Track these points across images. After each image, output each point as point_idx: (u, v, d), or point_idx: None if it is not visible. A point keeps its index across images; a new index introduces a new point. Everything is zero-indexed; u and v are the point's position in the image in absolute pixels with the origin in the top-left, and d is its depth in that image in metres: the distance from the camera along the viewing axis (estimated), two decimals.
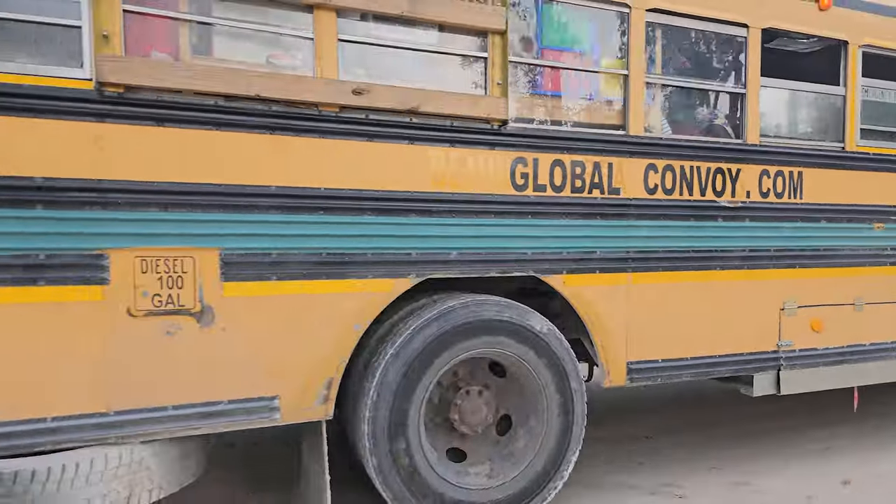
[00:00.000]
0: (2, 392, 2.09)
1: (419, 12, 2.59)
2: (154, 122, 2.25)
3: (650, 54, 3.15)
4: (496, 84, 2.76)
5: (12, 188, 2.07)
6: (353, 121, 2.53)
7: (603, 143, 3.02)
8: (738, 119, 3.41)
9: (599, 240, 3.02)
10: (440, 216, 2.69)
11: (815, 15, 3.54)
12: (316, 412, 2.55)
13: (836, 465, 3.76)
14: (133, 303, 2.24)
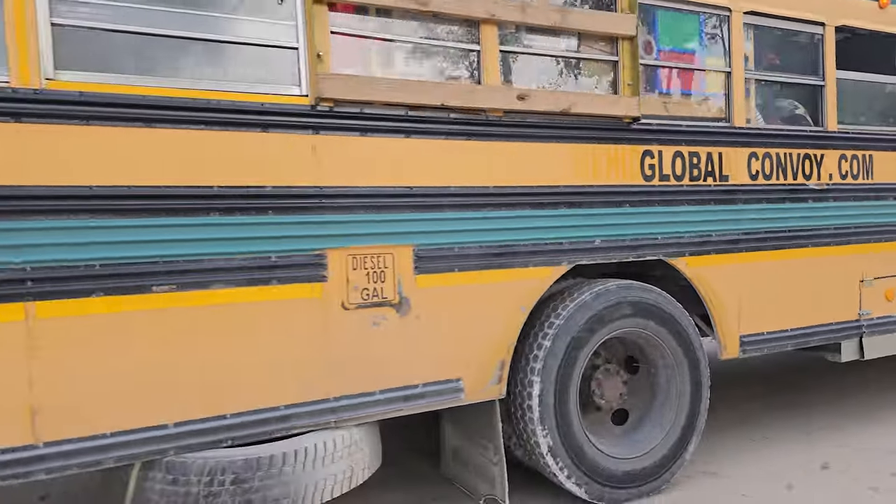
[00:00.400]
0: (243, 384, 2.29)
1: (567, 23, 2.85)
2: (358, 132, 2.47)
3: (746, 52, 3.46)
4: (627, 85, 3.03)
5: (249, 196, 2.28)
6: (514, 124, 2.78)
7: (713, 135, 3.32)
8: (819, 108, 3.74)
9: (715, 223, 3.31)
10: (586, 207, 2.96)
11: (877, 13, 3.89)
12: (491, 392, 2.78)
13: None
14: (346, 297, 2.45)
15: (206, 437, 2.23)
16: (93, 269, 2.07)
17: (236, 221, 2.27)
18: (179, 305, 2.19)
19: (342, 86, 2.40)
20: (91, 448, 2.07)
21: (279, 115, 2.34)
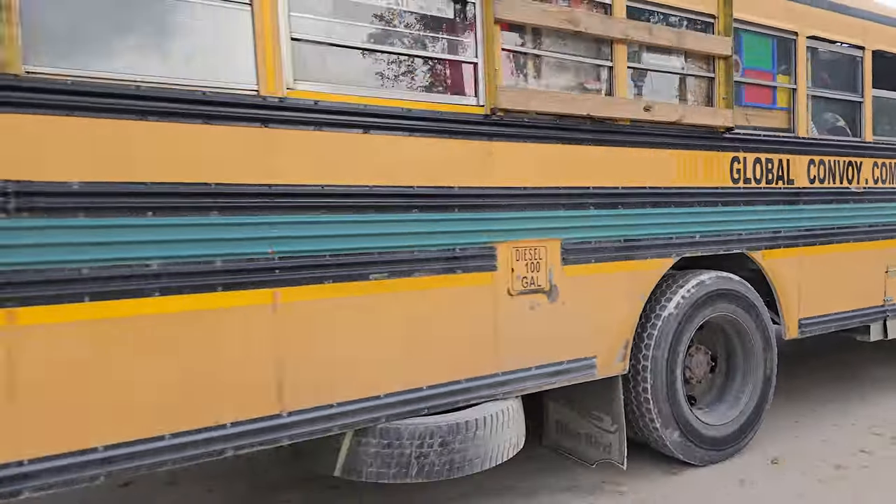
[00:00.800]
0: (435, 361, 2.60)
1: (680, 43, 3.24)
2: (522, 139, 2.79)
3: (807, 72, 3.94)
4: (722, 98, 3.45)
5: (441, 196, 2.58)
6: (638, 132, 3.16)
7: (783, 144, 3.78)
8: (858, 121, 4.26)
9: (783, 221, 3.78)
10: (689, 206, 3.36)
11: None
12: (616, 368, 3.16)
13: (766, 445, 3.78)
14: (511, 284, 2.78)
15: (409, 406, 2.52)
16: (323, 258, 2.34)
17: (432, 218, 2.56)
18: (390, 291, 2.47)
19: (513, 97, 2.72)
20: (323, 417, 2.34)
21: (461, 123, 2.64)
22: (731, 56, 3.42)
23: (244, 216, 2.20)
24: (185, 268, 2.10)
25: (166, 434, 2.07)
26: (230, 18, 2.22)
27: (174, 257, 2.08)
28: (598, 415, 3.32)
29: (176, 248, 2.08)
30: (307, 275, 2.31)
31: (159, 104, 2.05)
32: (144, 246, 2.04)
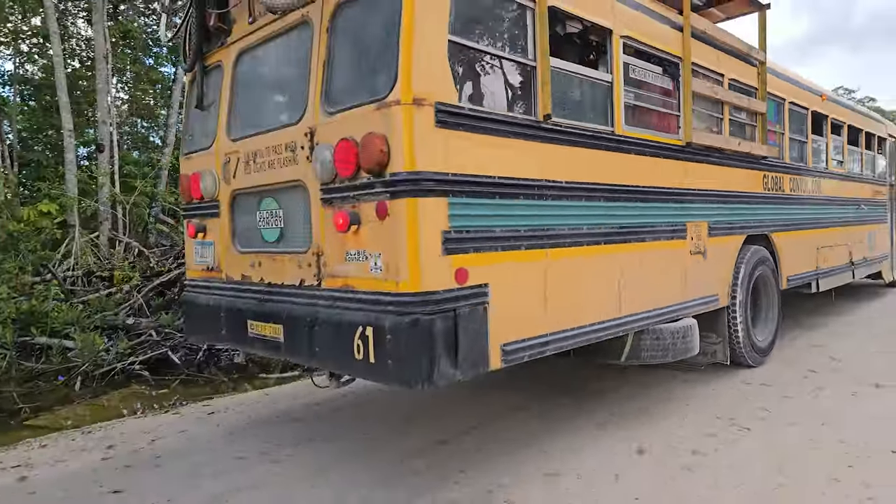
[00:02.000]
0: (662, 292, 4.37)
1: (745, 105, 5.35)
2: (693, 160, 4.68)
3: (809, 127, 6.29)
4: (762, 138, 5.61)
5: (666, 193, 4.38)
6: (729, 157, 5.19)
7: (780, 167, 6.07)
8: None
9: (782, 215, 6.05)
10: (749, 204, 5.47)
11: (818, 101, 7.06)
12: (724, 302, 5.13)
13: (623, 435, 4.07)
14: (693, 247, 4.65)
15: (658, 318, 4.26)
16: (584, 230, 4.00)
17: (660, 206, 4.35)
18: (652, 249, 4.21)
19: (695, 135, 4.61)
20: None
21: (669, 150, 4.46)
22: (766, 112, 5.61)
23: (639, 203, 3.90)
24: (594, 230, 3.71)
25: (595, 323, 3.67)
26: (597, 90, 3.86)
27: (586, 223, 3.69)
28: (706, 334, 5.26)
29: (576, 220, 3.67)
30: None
31: (562, 135, 3.66)
32: (555, 217, 3.61)
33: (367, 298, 2.95)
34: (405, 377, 2.81)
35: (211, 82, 4.26)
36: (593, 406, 4.68)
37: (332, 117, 3.12)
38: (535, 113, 3.38)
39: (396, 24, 2.80)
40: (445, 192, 2.87)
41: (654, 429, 4.16)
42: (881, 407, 4.53)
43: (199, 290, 4.29)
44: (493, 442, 4.01)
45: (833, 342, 6.58)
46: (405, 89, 2.75)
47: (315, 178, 3.20)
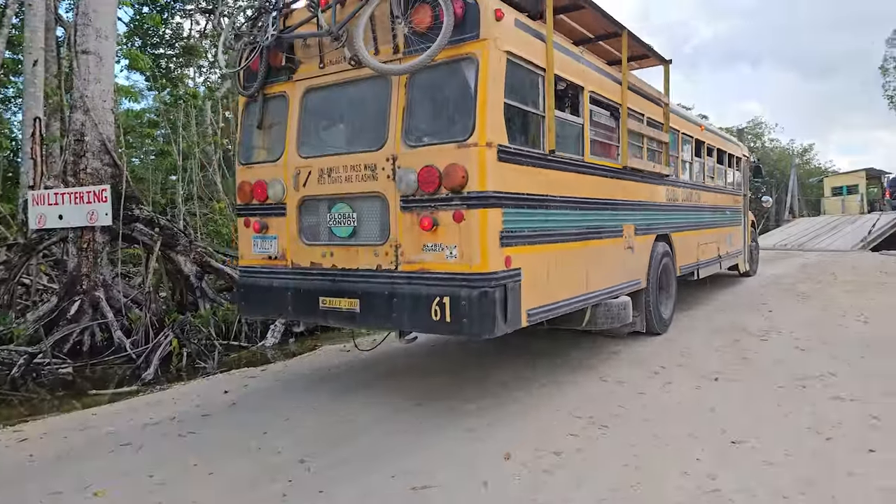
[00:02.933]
0: (608, 277, 5.97)
1: (655, 136, 7.14)
2: (627, 179, 6.34)
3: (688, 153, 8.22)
4: (665, 161, 7.44)
5: (607, 204, 6.00)
6: (643, 176, 6.94)
7: (678, 182, 7.97)
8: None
9: (678, 219, 7.95)
10: (659, 212, 7.26)
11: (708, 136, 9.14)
12: (643, 284, 6.85)
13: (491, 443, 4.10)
14: (626, 244, 6.30)
15: (608, 295, 5.86)
16: (559, 226, 5.57)
17: (609, 213, 5.96)
18: (587, 248, 5.78)
19: (629, 160, 6.26)
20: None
21: (614, 172, 6.08)
22: (668, 142, 7.44)
23: (598, 211, 5.43)
24: (574, 227, 5.21)
25: (587, 292, 5.21)
26: (574, 130, 5.36)
27: (577, 224, 5.19)
28: None
29: (570, 221, 5.17)
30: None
31: (562, 165, 5.15)
32: (566, 219, 5.10)
33: (444, 277, 4.25)
34: (476, 331, 4.16)
35: (271, 108, 5.29)
36: (461, 412, 4.74)
37: (414, 149, 4.38)
38: (543, 148, 4.82)
39: (473, 90, 4.15)
40: (502, 205, 4.27)
41: (520, 432, 4.27)
42: (721, 399, 4.93)
43: (259, 275, 5.31)
44: (355, 459, 3.93)
45: (681, 337, 7.32)
46: (481, 136, 4.11)
47: (395, 192, 4.43)
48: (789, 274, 13.00)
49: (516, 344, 6.78)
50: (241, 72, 5.34)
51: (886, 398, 4.80)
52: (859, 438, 4.07)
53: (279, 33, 4.96)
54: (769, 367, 5.88)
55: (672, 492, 3.36)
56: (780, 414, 4.58)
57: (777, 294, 10.37)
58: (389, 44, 4.54)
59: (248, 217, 5.38)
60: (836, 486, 3.40)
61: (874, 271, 13.02)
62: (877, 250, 18.26)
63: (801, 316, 8.41)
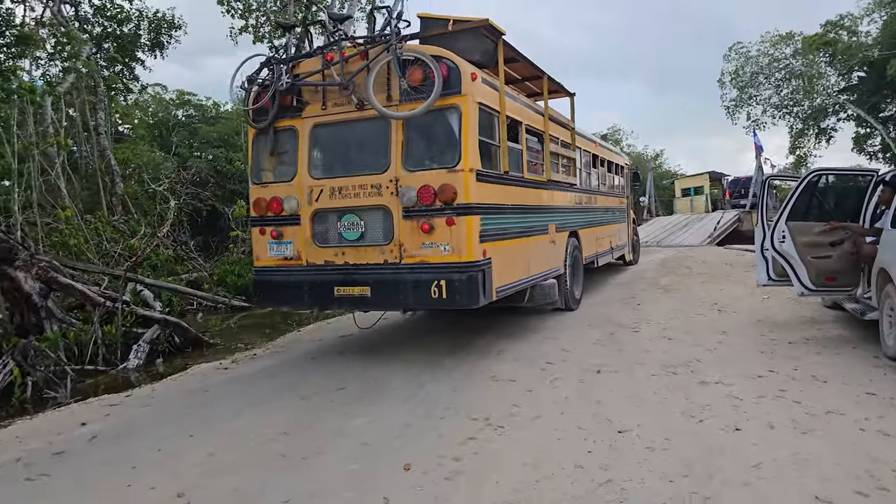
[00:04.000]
0: (539, 265, 7.75)
1: (565, 153, 9.04)
2: (553, 189, 8.15)
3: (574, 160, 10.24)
4: (549, 170, 9.37)
5: (535, 209, 7.77)
6: (555, 184, 8.81)
7: (573, 186, 9.96)
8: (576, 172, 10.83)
9: (583, 219, 9.96)
10: (569, 213, 9.19)
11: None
12: (562, 270, 8.71)
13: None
14: (550, 239, 8.13)
15: (542, 278, 7.64)
16: (513, 227, 7.31)
17: (539, 215, 7.76)
18: (530, 242, 7.56)
19: (552, 175, 8.07)
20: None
21: (541, 184, 7.88)
22: (576, 159, 9.38)
23: (533, 214, 7.23)
24: (521, 227, 6.94)
25: (528, 276, 6.94)
26: (517, 154, 7.05)
27: (523, 225, 6.90)
28: None
29: (519, 223, 6.87)
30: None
31: (517, 184, 6.85)
32: (517, 221, 6.80)
33: (440, 265, 5.81)
34: (465, 303, 5.76)
35: (282, 139, 6.56)
36: (355, 428, 4.55)
37: (412, 173, 5.90)
38: (500, 169, 6.53)
39: (458, 131, 5.79)
40: (480, 212, 5.92)
41: (418, 441, 4.19)
42: (604, 391, 5.09)
43: (275, 273, 6.56)
44: (243, 488, 3.69)
45: (561, 334, 7.53)
46: (465, 164, 5.75)
47: (398, 205, 5.93)
48: (652, 269, 13.85)
49: (408, 358, 6.60)
50: (252, 109, 6.54)
51: (743, 380, 5.27)
52: (726, 418, 4.38)
53: (292, 81, 6.27)
54: (643, 356, 6.27)
55: (569, 486, 3.41)
56: (656, 401, 4.85)
57: (643, 288, 11.14)
58: (384, 94, 6.00)
59: (264, 227, 6.60)
60: (712, 465, 3.61)
61: (721, 264, 14.12)
62: (721, 245, 19.97)
63: (665, 307, 9.13)
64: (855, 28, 32.85)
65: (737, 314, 8.45)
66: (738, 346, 6.60)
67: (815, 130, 36.14)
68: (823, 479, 3.41)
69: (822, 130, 36.11)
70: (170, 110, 27.63)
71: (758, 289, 9.80)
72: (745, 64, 35.65)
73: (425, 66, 5.73)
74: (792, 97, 35.13)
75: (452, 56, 5.87)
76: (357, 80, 6.00)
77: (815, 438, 3.98)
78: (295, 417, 4.88)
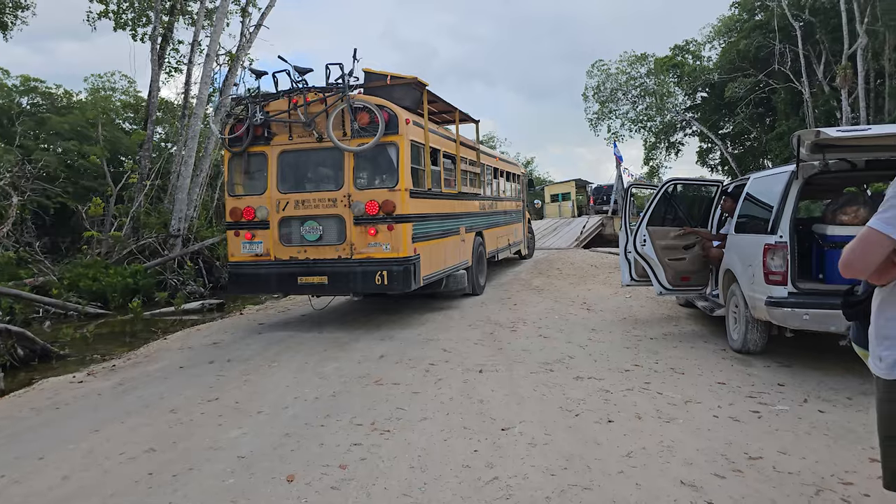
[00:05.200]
0: (452, 259, 9.76)
1: (471, 169, 9.96)
2: (454, 200, 9.32)
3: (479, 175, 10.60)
4: (460, 182, 9.65)
5: (450, 215, 8.91)
6: (461, 196, 9.69)
7: (478, 196, 10.84)
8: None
9: (486, 221, 11.98)
10: (472, 217, 11.00)
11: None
12: (470, 263, 10.61)
13: None
14: (461, 238, 10.17)
15: (455, 270, 9.80)
16: (435, 231, 8.99)
17: (453, 220, 9.81)
18: (447, 241, 9.54)
19: (463, 188, 9.75)
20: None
21: (454, 195, 9.85)
22: (482, 174, 10.21)
23: (449, 220, 9.31)
24: (441, 230, 9.00)
25: (445, 267, 9.03)
26: (436, 174, 8.76)
27: (442, 228, 8.94)
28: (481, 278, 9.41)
29: (439, 227, 8.67)
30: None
31: (437, 197, 8.74)
32: (438, 226, 8.77)
33: (382, 260, 7.72)
34: (401, 289, 7.75)
35: (253, 161, 8.25)
36: (227, 443, 4.24)
37: (361, 191, 7.83)
38: (425, 187, 8.50)
39: (396, 161, 7.76)
40: (412, 220, 7.91)
41: (299, 450, 4.03)
42: (487, 390, 5.18)
43: (248, 267, 8.20)
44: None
45: (442, 335, 7.56)
46: (402, 185, 7.75)
47: (350, 214, 7.81)
48: (525, 270, 14.31)
49: (286, 365, 6.39)
50: (228, 137, 8.20)
51: (613, 374, 5.56)
52: (600, 412, 4.55)
53: (266, 117, 8.00)
54: (522, 355, 6.43)
55: (457, 487, 3.40)
56: (536, 397, 4.97)
57: (518, 289, 11.66)
58: (340, 130, 7.87)
59: (238, 230, 8.23)
60: (589, 457, 3.75)
61: (587, 265, 14.75)
62: (588, 248, 20.73)
63: (539, 307, 9.48)
64: (699, 53, 36.46)
65: (604, 312, 9.00)
66: (606, 342, 6.98)
67: (665, 144, 39.71)
68: (687, 464, 3.65)
69: (671, 144, 39.76)
70: (13, 97, 24.71)
71: (622, 288, 10.66)
72: (605, 80, 38.36)
73: (372, 112, 7.68)
74: (646, 113, 38.36)
75: (392, 105, 7.86)
76: (317, 120, 7.87)
77: (677, 426, 4.26)
78: (163, 432, 4.53)
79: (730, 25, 33.12)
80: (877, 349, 2.08)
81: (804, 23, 27.49)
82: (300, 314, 9.89)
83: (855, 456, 3.72)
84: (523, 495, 3.31)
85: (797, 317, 5.33)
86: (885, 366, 2.03)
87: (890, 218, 1.86)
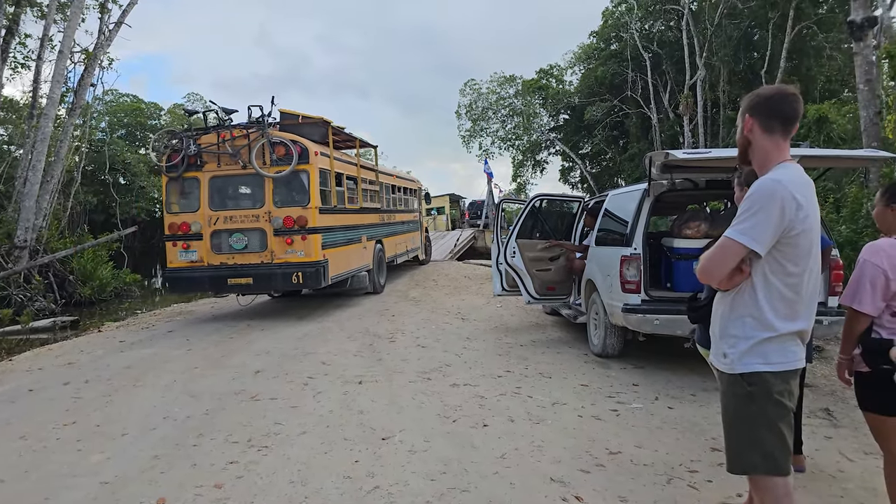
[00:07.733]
0: (357, 262, 11.72)
1: (373, 185, 10.29)
2: (367, 214, 11.71)
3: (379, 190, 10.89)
4: (361, 198, 9.74)
5: (357, 225, 10.26)
6: (366, 211, 11.29)
7: (378, 210, 12.37)
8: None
9: (386, 231, 13.96)
10: (376, 227, 12.95)
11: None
12: (371, 267, 12.64)
13: None
14: (363, 246, 12.14)
15: (360, 271, 11.77)
16: (341, 240, 10.93)
17: (356, 231, 11.82)
18: (350, 248, 11.51)
19: (364, 203, 11.99)
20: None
21: (357, 210, 11.98)
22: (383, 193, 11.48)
23: (352, 230, 11.22)
24: (345, 239, 10.85)
25: (349, 269, 10.90)
26: (340, 193, 10.46)
27: (346, 238, 10.79)
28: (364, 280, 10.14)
29: (344, 237, 10.55)
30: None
31: (342, 212, 10.58)
32: (343, 236, 10.64)
33: (298, 263, 9.57)
34: (314, 286, 9.66)
35: (187, 184, 9.84)
36: (90, 469, 3.97)
37: (280, 208, 9.65)
38: (332, 204, 10.38)
39: (307, 185, 9.65)
40: (322, 232, 9.82)
41: (170, 472, 3.86)
42: (367, 401, 5.19)
43: (184, 271, 9.74)
44: None
45: (319, 348, 7.51)
46: (313, 203, 9.68)
47: (271, 227, 9.62)
48: (402, 282, 14.68)
49: (151, 383, 6.11)
50: (166, 165, 9.80)
51: (487, 381, 5.74)
52: (475, 417, 4.64)
53: (199, 148, 9.67)
54: (400, 364, 6.50)
55: (339, 498, 3.39)
56: (415, 406, 5.00)
57: (396, 300, 11.90)
58: (261, 160, 9.67)
59: (176, 241, 9.79)
60: (467, 460, 3.86)
61: (461, 277, 15.40)
62: (461, 260, 21.50)
63: (417, 318, 9.65)
64: (561, 77, 38.87)
65: (477, 322, 9.34)
66: (480, 350, 7.22)
67: (532, 162, 41.82)
68: (555, 462, 3.77)
69: (537, 162, 42.00)
70: None
71: (494, 298, 11.14)
72: (477, 99, 39.79)
73: (287, 146, 9.53)
74: (514, 132, 40.26)
75: (304, 140, 9.74)
76: (242, 152, 9.63)
77: (546, 427, 4.40)
78: (12, 462, 4.15)
79: (589, 53, 35.67)
80: (721, 346, 2.24)
81: (652, 54, 30.35)
82: (166, 330, 9.48)
83: (699, 446, 4.04)
84: (404, 501, 3.35)
85: (649, 322, 5.73)
86: (729, 361, 2.19)
87: (745, 228, 2.04)
